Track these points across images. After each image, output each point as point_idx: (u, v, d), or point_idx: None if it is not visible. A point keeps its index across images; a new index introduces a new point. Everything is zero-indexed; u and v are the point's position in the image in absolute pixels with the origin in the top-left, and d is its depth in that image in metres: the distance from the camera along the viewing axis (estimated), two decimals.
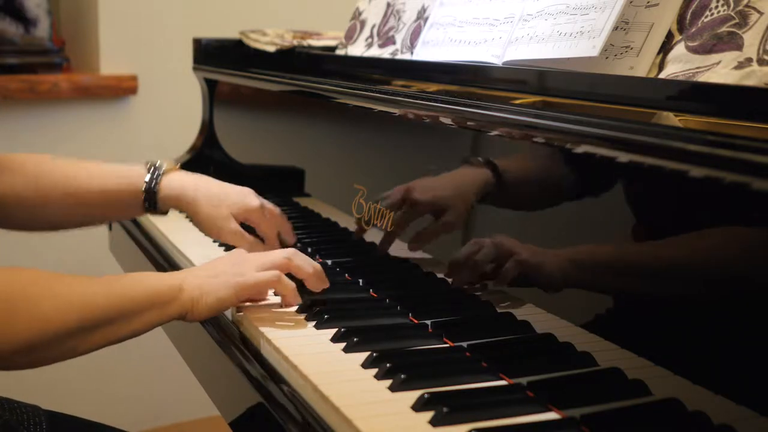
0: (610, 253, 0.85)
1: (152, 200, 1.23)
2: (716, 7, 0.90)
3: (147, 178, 1.23)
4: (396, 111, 1.16)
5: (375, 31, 1.50)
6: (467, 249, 1.02)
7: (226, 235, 1.23)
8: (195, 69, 1.86)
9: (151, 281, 0.98)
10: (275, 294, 1.06)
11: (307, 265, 1.05)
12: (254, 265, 1.02)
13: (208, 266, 1.03)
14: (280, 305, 1.06)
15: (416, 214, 1.13)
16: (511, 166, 1.00)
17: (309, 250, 1.35)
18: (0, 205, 1.19)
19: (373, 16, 1.53)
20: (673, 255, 0.78)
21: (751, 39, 0.85)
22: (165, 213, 1.28)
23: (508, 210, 1.02)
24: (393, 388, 0.83)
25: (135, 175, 1.24)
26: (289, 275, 1.04)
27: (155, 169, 1.24)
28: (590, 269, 0.88)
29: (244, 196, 1.26)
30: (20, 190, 1.20)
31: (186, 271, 1.02)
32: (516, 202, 1.00)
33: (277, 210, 1.29)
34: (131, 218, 1.32)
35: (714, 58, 0.87)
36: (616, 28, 0.97)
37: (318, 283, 1.06)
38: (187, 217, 1.33)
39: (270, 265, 1.02)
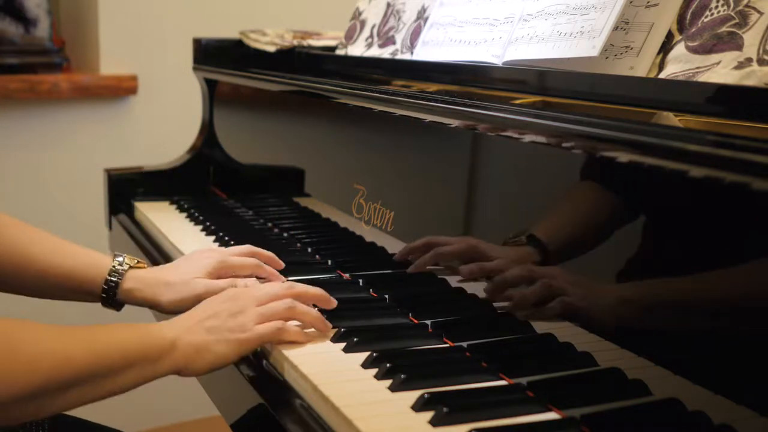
0: (606, 253, 0.85)
1: (113, 291, 1.12)
2: (716, 7, 0.90)
3: (111, 266, 1.13)
4: (396, 111, 1.16)
5: (375, 31, 1.50)
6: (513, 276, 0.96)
7: (189, 295, 1.10)
8: (195, 69, 1.86)
9: (138, 336, 0.91)
10: None
11: (309, 310, 0.99)
12: (255, 317, 0.96)
13: (203, 315, 0.96)
14: None
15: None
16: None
17: (309, 250, 1.35)
18: None
19: (373, 16, 1.53)
20: (672, 255, 0.78)
21: (751, 39, 0.85)
22: (119, 308, 1.16)
23: (507, 211, 1.02)
24: (393, 388, 0.83)
25: (99, 262, 1.14)
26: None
27: (121, 258, 1.14)
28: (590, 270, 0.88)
29: (204, 261, 1.14)
30: None
31: (179, 324, 0.95)
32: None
33: (243, 250, 1.20)
34: (83, 301, 1.17)
35: (714, 58, 0.87)
36: (616, 28, 0.97)
37: (322, 328, 0.99)
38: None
39: (271, 316, 0.96)
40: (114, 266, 1.13)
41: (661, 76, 0.92)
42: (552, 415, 0.79)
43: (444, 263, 1.08)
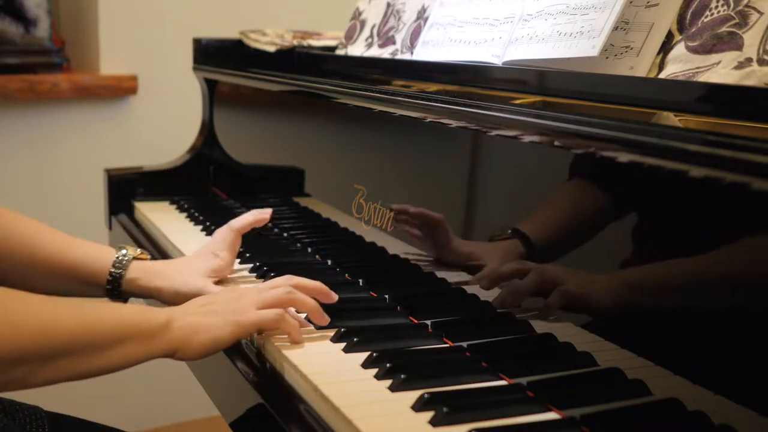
0: (606, 253, 0.85)
1: (117, 282, 1.14)
2: (716, 7, 0.90)
3: (114, 257, 1.15)
4: (396, 111, 1.16)
5: (375, 31, 1.50)
6: (508, 271, 0.96)
7: (189, 292, 1.12)
8: (195, 69, 1.86)
9: (131, 313, 0.91)
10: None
11: (308, 299, 1.00)
12: (254, 301, 0.96)
13: (203, 301, 0.97)
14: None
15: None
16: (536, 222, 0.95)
17: (309, 250, 1.35)
18: None
19: (373, 16, 1.53)
20: (672, 255, 0.78)
21: (751, 39, 0.85)
22: (124, 300, 1.17)
23: (507, 211, 1.02)
24: (393, 388, 0.83)
25: (103, 254, 1.16)
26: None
27: (125, 251, 1.16)
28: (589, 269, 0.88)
29: (207, 261, 1.18)
30: None
31: (177, 307, 0.96)
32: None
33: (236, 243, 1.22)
34: (89, 297, 1.18)
35: (714, 58, 0.87)
36: (616, 28, 0.97)
37: (320, 319, 1.00)
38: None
39: (271, 301, 0.97)
40: (118, 257, 1.15)
41: (661, 76, 0.92)
42: (552, 415, 0.79)
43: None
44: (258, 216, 1.26)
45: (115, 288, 1.14)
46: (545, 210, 0.95)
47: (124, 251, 1.16)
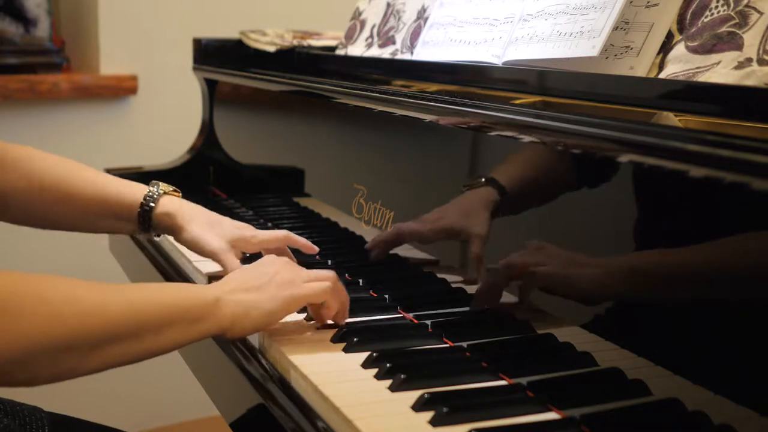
0: (606, 252, 0.85)
1: (147, 216, 1.17)
2: (716, 7, 0.90)
3: (146, 191, 1.18)
4: (396, 111, 1.16)
5: (375, 31, 1.50)
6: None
7: (211, 247, 1.14)
8: (195, 69, 1.86)
9: (179, 294, 0.89)
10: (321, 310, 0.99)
11: (346, 294, 0.99)
12: (303, 276, 0.95)
13: (248, 276, 0.94)
14: None
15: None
16: (511, 175, 0.98)
17: None
18: None
19: (373, 16, 1.53)
20: (672, 255, 0.78)
21: (751, 39, 0.85)
22: (157, 236, 1.22)
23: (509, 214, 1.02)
24: (393, 388, 0.83)
25: (135, 188, 1.19)
26: None
27: (156, 186, 1.19)
28: (589, 268, 0.88)
29: (241, 228, 1.19)
30: (18, 185, 1.16)
31: (223, 284, 0.93)
32: (518, 208, 0.99)
33: (279, 235, 1.20)
34: (123, 233, 1.24)
35: (714, 58, 0.87)
36: (616, 28, 0.97)
37: (340, 317, 0.99)
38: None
39: (317, 278, 0.96)
40: (150, 191, 1.18)
41: (661, 76, 0.92)
42: (552, 415, 0.79)
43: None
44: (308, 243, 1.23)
45: (146, 222, 1.18)
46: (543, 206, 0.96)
47: (155, 187, 1.19)
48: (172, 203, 1.18)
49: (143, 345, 0.85)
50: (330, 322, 1.00)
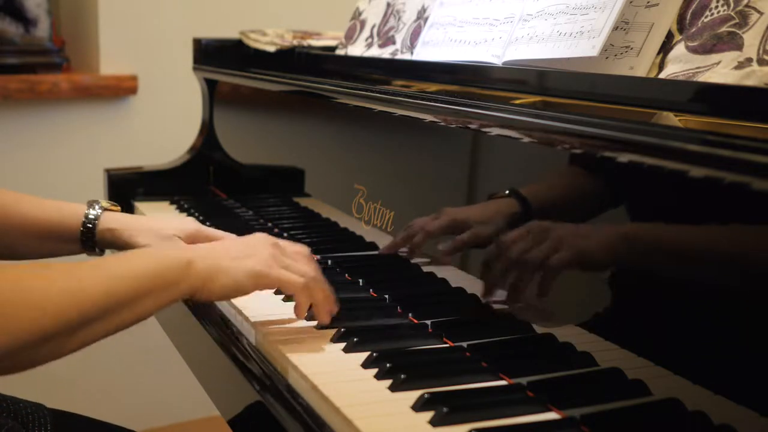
0: (606, 253, 0.85)
1: (90, 233, 1.16)
2: (716, 7, 0.90)
3: (86, 209, 1.17)
4: (396, 111, 1.16)
5: (375, 31, 1.50)
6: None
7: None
8: (195, 69, 1.86)
9: (153, 262, 0.89)
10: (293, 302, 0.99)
11: (328, 289, 1.00)
12: (279, 261, 0.96)
13: (231, 245, 0.97)
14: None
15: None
16: (537, 191, 0.96)
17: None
18: None
19: (373, 16, 1.53)
20: (672, 255, 0.78)
21: (751, 39, 0.85)
22: (101, 253, 1.19)
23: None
24: (393, 388, 0.83)
25: (76, 208, 1.18)
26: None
27: (96, 204, 1.19)
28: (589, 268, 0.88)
29: (184, 222, 1.19)
30: None
31: (198, 247, 0.96)
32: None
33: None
34: (66, 255, 1.21)
35: (714, 58, 0.87)
36: (616, 28, 0.97)
37: (326, 313, 0.99)
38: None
39: (296, 270, 0.96)
40: (89, 210, 1.17)
41: (661, 76, 0.92)
42: (552, 415, 0.79)
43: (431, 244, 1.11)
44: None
45: (89, 240, 1.16)
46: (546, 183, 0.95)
47: (95, 204, 1.18)
48: (114, 218, 1.17)
49: (121, 318, 0.86)
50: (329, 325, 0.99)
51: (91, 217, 1.16)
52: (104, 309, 0.84)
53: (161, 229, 1.15)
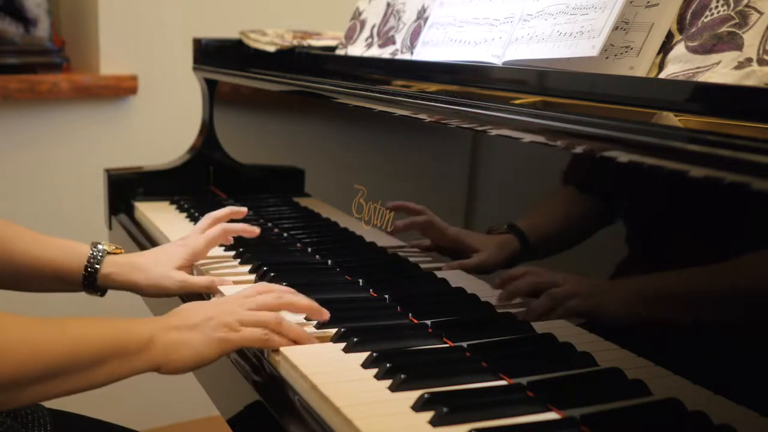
0: (606, 252, 0.85)
1: (92, 277, 1.16)
2: (716, 7, 0.90)
3: (89, 253, 1.17)
4: (396, 111, 1.16)
5: (375, 31, 1.50)
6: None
7: (172, 285, 1.16)
8: (195, 69, 1.86)
9: (114, 331, 0.90)
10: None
11: (301, 299, 1.00)
12: (241, 318, 0.94)
13: (186, 314, 0.95)
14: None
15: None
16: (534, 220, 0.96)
17: (309, 250, 1.35)
18: None
19: (373, 16, 1.53)
20: (672, 255, 0.78)
21: (751, 39, 0.85)
22: (102, 294, 1.20)
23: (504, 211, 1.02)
24: (393, 388, 0.83)
25: (78, 249, 1.18)
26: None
27: (98, 247, 1.18)
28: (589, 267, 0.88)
29: (183, 245, 1.21)
30: None
31: (160, 321, 0.94)
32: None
33: (215, 232, 1.25)
34: (66, 292, 1.22)
35: (714, 58, 0.87)
36: (616, 28, 0.97)
37: (319, 314, 0.99)
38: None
39: (257, 322, 0.95)
40: (92, 253, 1.17)
41: (661, 76, 0.92)
42: (552, 415, 0.79)
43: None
44: (234, 209, 1.32)
45: (91, 283, 1.17)
46: (542, 208, 0.96)
47: (99, 246, 1.18)
48: (116, 262, 1.17)
49: (77, 381, 0.87)
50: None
51: (93, 261, 1.16)
52: (61, 368, 0.85)
53: (156, 265, 1.17)
